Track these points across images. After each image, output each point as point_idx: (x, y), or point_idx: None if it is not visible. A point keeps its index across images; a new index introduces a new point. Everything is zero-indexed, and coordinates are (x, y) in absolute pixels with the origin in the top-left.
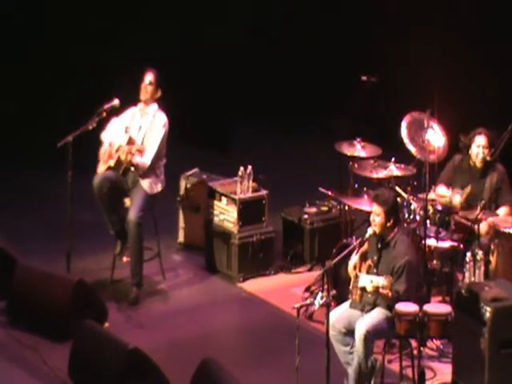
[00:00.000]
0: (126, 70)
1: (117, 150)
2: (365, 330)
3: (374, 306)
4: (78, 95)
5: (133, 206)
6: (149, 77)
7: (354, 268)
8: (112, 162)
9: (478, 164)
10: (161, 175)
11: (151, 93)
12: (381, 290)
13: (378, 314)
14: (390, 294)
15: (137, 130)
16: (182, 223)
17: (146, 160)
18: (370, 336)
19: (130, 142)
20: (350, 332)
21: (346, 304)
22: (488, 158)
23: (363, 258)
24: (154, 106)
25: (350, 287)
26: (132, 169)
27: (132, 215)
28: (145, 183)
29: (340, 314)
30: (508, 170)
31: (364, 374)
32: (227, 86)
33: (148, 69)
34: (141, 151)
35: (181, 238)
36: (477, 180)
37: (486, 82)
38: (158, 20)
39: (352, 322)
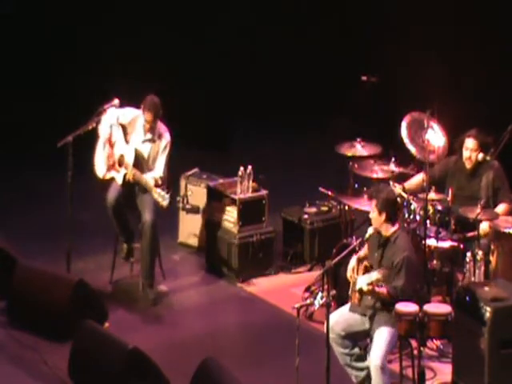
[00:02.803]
0: (126, 70)
1: (120, 163)
2: (378, 363)
3: (374, 309)
4: (78, 95)
5: (146, 208)
6: (147, 117)
7: (353, 272)
8: (118, 180)
9: (468, 166)
10: (164, 184)
11: (153, 127)
12: (377, 289)
13: (383, 339)
14: (385, 290)
15: (143, 149)
16: (181, 223)
17: (157, 176)
18: (384, 366)
19: (137, 157)
20: (349, 335)
21: (346, 307)
22: (480, 158)
23: (361, 261)
24: (156, 128)
25: (350, 292)
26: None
27: (148, 217)
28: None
29: (339, 317)
30: (508, 169)
31: None
32: (227, 86)
33: (146, 104)
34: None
35: (181, 238)
36: (471, 179)
37: (486, 82)
38: (158, 20)
39: (351, 325)
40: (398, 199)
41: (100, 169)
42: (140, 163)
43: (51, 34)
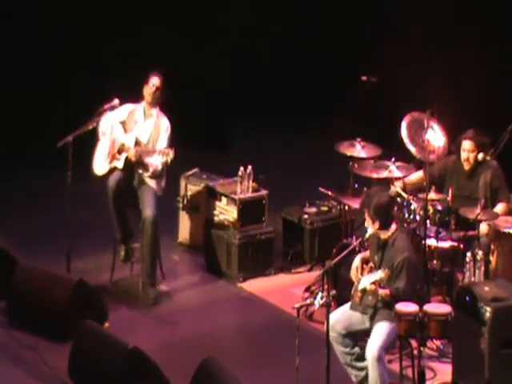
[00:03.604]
0: (126, 69)
1: (120, 151)
2: (375, 353)
3: (375, 309)
4: (78, 95)
5: (147, 204)
6: (155, 81)
7: (356, 272)
8: (119, 165)
9: (466, 167)
10: (164, 175)
11: (157, 97)
12: (380, 291)
13: (382, 331)
14: (388, 291)
15: (143, 133)
16: (181, 223)
17: (157, 163)
18: (381, 357)
19: (138, 143)
20: (349, 334)
21: (346, 306)
22: (480, 158)
23: (365, 262)
24: (156, 109)
25: (352, 292)
26: (141, 171)
27: (149, 213)
28: (152, 182)
29: (340, 316)
30: (508, 169)
31: None
32: (227, 86)
33: (153, 73)
34: (151, 152)
35: (181, 238)
36: (470, 180)
37: (486, 82)
38: (158, 20)
39: (352, 323)
40: (398, 199)
41: (99, 166)
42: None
43: (51, 33)
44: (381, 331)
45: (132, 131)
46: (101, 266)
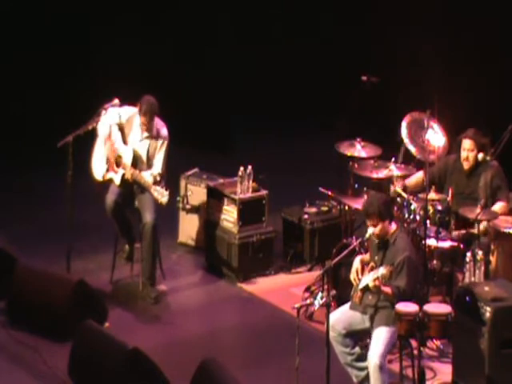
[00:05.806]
0: (126, 69)
1: (118, 164)
2: (377, 361)
3: (375, 308)
4: (78, 95)
5: (146, 209)
6: (144, 121)
7: (357, 273)
8: (117, 181)
9: (466, 167)
10: (163, 181)
11: (150, 127)
12: (382, 288)
13: (382, 337)
14: (390, 290)
15: (140, 149)
16: (181, 223)
17: (155, 173)
18: (383, 365)
19: (135, 159)
20: (350, 333)
21: (346, 306)
22: (480, 158)
23: (364, 263)
24: (153, 122)
25: (352, 292)
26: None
27: (149, 218)
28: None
29: (340, 316)
30: (508, 169)
31: None
32: (228, 86)
33: (144, 106)
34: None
35: (181, 238)
36: (470, 179)
37: (485, 82)
38: (158, 20)
39: (352, 323)
40: (398, 199)
41: (98, 170)
42: (138, 163)
43: (51, 33)
44: (381, 338)
45: (129, 141)
46: (101, 265)
